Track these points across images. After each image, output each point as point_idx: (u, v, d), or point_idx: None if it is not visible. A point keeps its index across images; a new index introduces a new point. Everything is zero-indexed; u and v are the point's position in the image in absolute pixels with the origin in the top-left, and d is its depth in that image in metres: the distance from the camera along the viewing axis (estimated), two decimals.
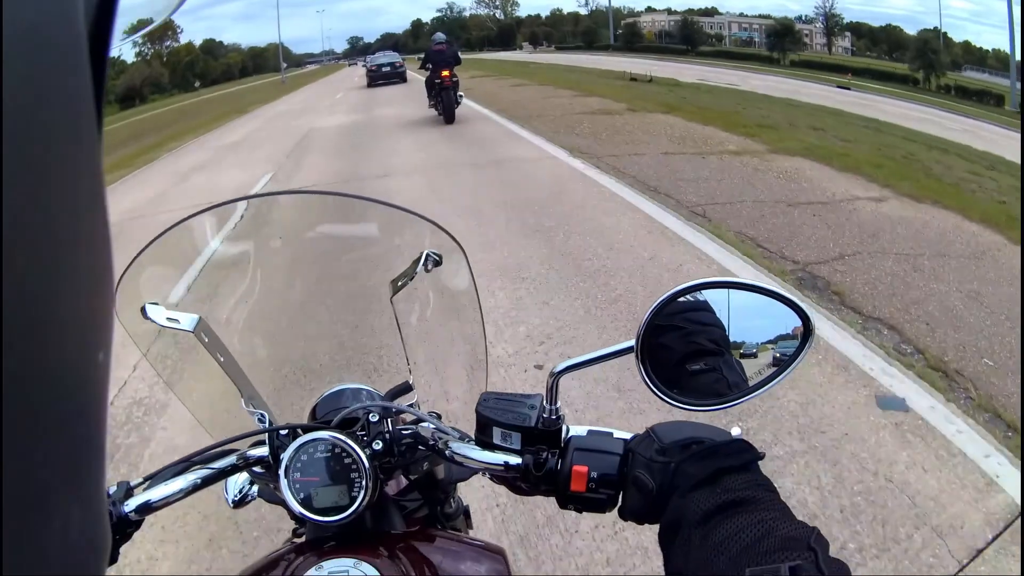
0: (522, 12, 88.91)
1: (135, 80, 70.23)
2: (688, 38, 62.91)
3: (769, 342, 0.63)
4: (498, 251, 4.39)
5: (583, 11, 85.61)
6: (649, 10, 78.66)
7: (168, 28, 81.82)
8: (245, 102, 24.16)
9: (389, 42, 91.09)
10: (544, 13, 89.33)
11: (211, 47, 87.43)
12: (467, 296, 0.81)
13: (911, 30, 55.46)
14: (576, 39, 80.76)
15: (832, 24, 61.91)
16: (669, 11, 77.28)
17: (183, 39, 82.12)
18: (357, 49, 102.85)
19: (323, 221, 0.91)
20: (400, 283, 0.74)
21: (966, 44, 48.50)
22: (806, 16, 68.78)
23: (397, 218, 0.79)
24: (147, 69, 73.35)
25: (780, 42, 52.01)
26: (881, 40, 58.86)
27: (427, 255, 0.74)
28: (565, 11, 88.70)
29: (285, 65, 68.26)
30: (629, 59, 39.13)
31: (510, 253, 4.35)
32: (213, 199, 0.86)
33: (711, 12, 73.81)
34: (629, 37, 67.17)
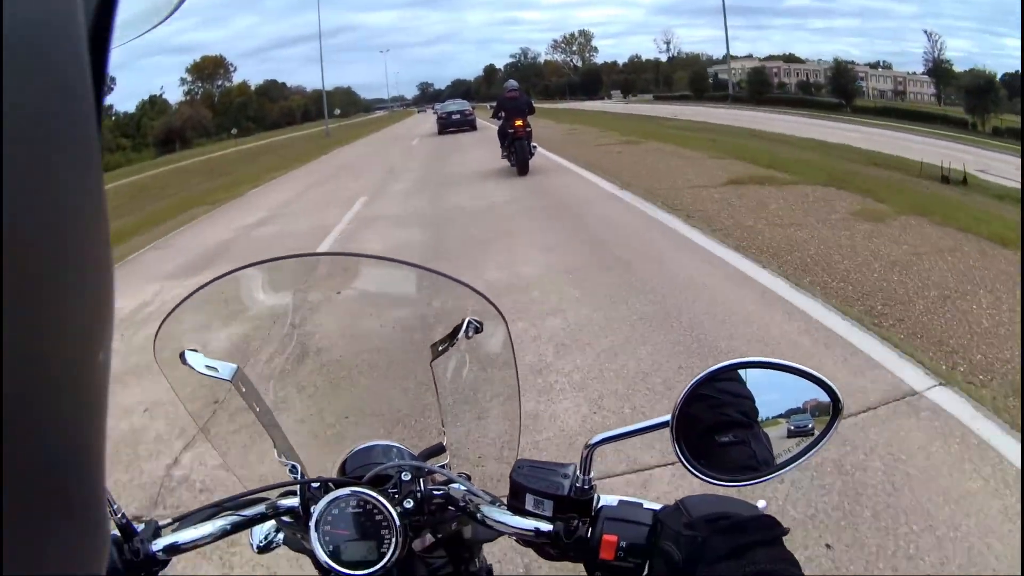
0: (599, 59, 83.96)
1: (175, 122, 67.21)
2: (843, 89, 53.39)
3: (795, 415, 0.66)
4: None
5: (663, 57, 79.96)
6: (730, 58, 72.12)
7: (220, 66, 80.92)
8: (234, 177, 17.70)
9: (460, 89, 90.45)
10: (621, 60, 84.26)
11: (268, 89, 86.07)
12: (505, 362, 0.83)
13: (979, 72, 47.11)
14: (659, 87, 75.05)
15: (942, 71, 52.16)
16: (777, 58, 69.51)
17: (238, 78, 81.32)
18: (427, 96, 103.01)
19: (364, 281, 0.95)
20: (441, 348, 0.77)
21: None
22: (884, 62, 60.70)
23: (437, 282, 0.83)
24: (190, 110, 71.18)
25: (981, 102, 41.35)
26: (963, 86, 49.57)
27: (469, 322, 0.77)
28: (644, 57, 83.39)
29: (338, 112, 64.80)
30: (770, 114, 32.67)
31: None
32: None
33: (792, 59, 66.81)
34: (757, 86, 58.33)
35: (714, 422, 0.65)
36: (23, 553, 0.18)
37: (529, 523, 0.69)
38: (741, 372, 0.65)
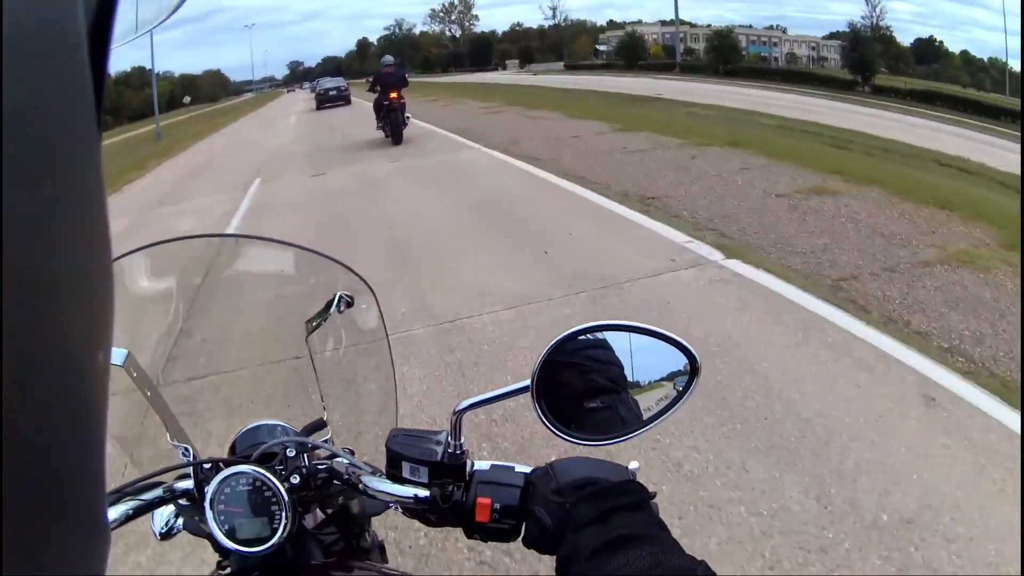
0: (478, 28, 79.69)
1: None
2: (860, 62, 41.10)
3: (662, 379, 0.70)
4: None
5: (547, 23, 76.72)
6: (612, 24, 69.84)
7: None
8: None
9: (331, 65, 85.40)
10: (500, 30, 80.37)
11: (133, 76, 74.33)
12: (377, 334, 0.88)
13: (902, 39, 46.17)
14: (545, 55, 71.75)
15: (878, 37, 46.99)
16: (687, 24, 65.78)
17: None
18: (297, 75, 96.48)
19: (240, 262, 0.97)
20: (315, 323, 0.81)
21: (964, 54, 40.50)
22: (779, 25, 58.80)
23: (309, 259, 0.87)
24: None
25: (864, 62, 38.79)
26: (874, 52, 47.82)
27: (340, 297, 0.82)
28: (525, 25, 79.93)
29: (187, 100, 51.08)
30: (765, 91, 26.01)
31: None
32: None
33: (688, 24, 64.65)
34: (723, 53, 47.55)
35: (583, 389, 0.70)
36: (22, 553, 0.18)
37: (408, 490, 0.73)
38: (605, 335, 0.69)
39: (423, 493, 0.71)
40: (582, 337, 0.68)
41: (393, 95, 10.99)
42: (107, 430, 0.23)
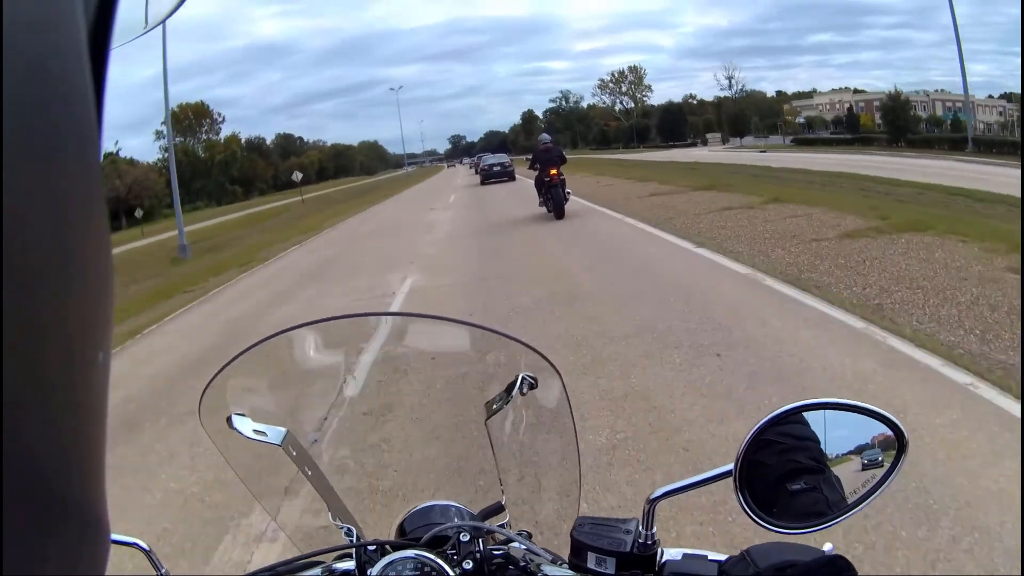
0: (651, 99, 73.57)
1: (119, 190, 49.30)
2: None
3: (856, 451, 0.67)
4: None
5: (724, 94, 68.88)
6: (781, 95, 60.42)
7: (204, 116, 68.60)
8: None
9: (495, 140, 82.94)
10: (664, 100, 73.95)
11: (263, 144, 73.23)
12: (562, 417, 0.85)
13: None
14: (725, 127, 63.60)
15: None
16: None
17: (267, 132, 69.37)
18: (460, 149, 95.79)
19: (418, 340, 0.97)
20: (495, 406, 0.79)
21: None
22: (940, 89, 46.93)
23: (488, 338, 0.86)
24: (136, 173, 54.14)
25: None
26: None
27: (522, 378, 0.79)
28: (700, 97, 72.62)
29: (298, 177, 38.45)
30: None
31: None
32: None
33: (857, 91, 54.35)
34: None
35: (784, 470, 0.66)
36: (21, 555, 0.19)
37: None
38: (803, 414, 0.67)
39: None
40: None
41: (553, 172, 11.67)
42: (106, 430, 0.24)
